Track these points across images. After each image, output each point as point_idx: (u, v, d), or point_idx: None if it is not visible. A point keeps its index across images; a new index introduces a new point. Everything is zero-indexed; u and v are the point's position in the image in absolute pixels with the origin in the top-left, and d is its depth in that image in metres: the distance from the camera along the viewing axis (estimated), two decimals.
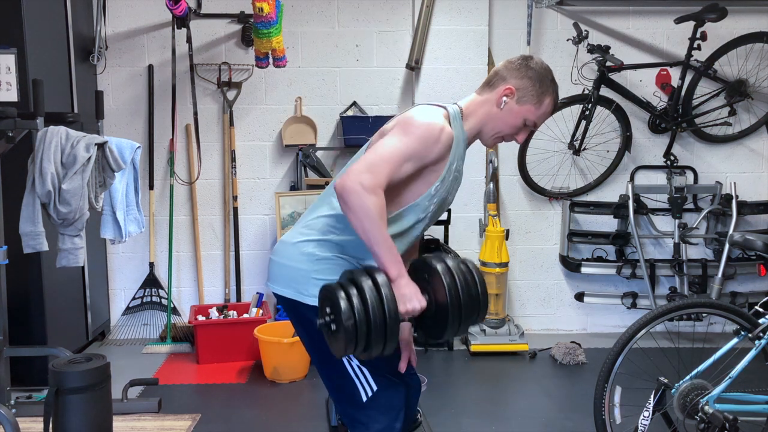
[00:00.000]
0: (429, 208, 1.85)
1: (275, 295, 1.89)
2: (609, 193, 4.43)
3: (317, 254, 1.80)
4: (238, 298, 4.37)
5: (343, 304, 1.58)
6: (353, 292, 1.60)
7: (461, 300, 1.66)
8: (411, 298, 1.66)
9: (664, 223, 4.39)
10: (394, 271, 1.66)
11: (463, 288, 1.66)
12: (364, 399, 1.82)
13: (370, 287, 1.59)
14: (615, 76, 4.21)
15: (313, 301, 1.78)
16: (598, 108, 4.22)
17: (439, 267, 1.68)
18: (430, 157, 1.77)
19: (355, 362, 1.81)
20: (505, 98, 1.85)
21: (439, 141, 1.76)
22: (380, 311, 1.58)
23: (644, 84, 4.38)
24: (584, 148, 4.28)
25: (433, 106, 1.85)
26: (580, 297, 4.46)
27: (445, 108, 1.85)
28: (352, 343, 1.59)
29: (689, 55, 4.13)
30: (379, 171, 1.67)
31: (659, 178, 4.45)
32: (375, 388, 1.82)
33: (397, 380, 1.86)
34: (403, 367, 1.87)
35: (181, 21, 3.90)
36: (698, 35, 4.07)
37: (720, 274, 4.04)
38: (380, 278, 1.62)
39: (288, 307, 1.88)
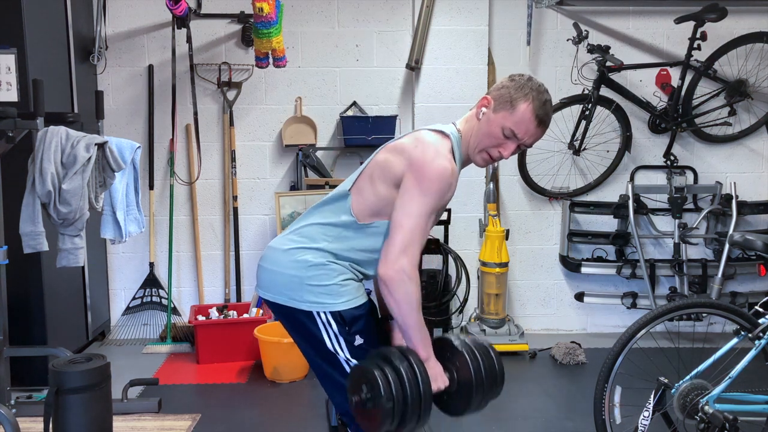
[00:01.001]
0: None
1: (266, 302, 1.91)
2: (609, 193, 4.43)
3: (310, 261, 1.81)
4: (238, 298, 4.37)
5: (382, 384, 1.65)
6: (389, 371, 1.67)
7: (484, 380, 1.78)
8: (436, 378, 1.77)
9: (664, 223, 4.39)
10: (424, 353, 1.77)
11: (486, 369, 1.79)
12: None
13: (407, 367, 1.68)
14: (615, 76, 4.21)
15: (307, 307, 1.81)
16: (598, 108, 4.22)
17: (463, 349, 1.80)
18: (444, 202, 1.83)
19: (354, 362, 1.82)
20: (483, 109, 1.87)
21: (452, 186, 1.81)
22: (416, 389, 1.67)
23: (644, 84, 4.38)
24: (584, 148, 4.28)
25: (438, 135, 1.85)
26: (580, 297, 4.46)
27: (448, 137, 1.86)
28: (388, 420, 1.67)
29: (689, 55, 4.13)
30: (414, 249, 1.75)
31: (659, 178, 4.45)
32: None
33: None
34: None
35: (181, 21, 3.90)
36: (698, 35, 4.07)
37: (720, 274, 4.04)
38: (414, 359, 1.72)
39: (281, 314, 1.90)
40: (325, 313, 1.80)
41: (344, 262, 1.83)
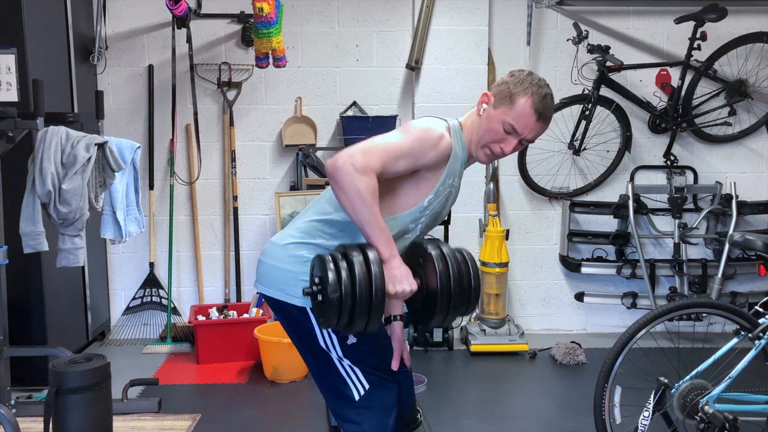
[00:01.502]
0: (420, 219, 1.86)
1: (263, 296, 1.91)
2: (609, 193, 4.43)
3: (305, 256, 1.80)
4: (238, 298, 4.37)
5: (331, 276, 1.58)
6: (343, 265, 1.60)
7: (452, 289, 1.66)
8: (401, 280, 1.66)
9: (664, 223, 4.39)
10: (386, 252, 1.66)
11: (455, 277, 1.66)
12: (356, 397, 1.83)
13: (360, 263, 1.59)
14: (615, 76, 4.21)
15: (301, 302, 1.80)
16: (598, 108, 4.22)
17: (434, 252, 1.68)
18: (425, 161, 1.78)
19: (346, 361, 1.82)
20: (484, 105, 1.87)
21: (437, 147, 1.77)
22: (367, 287, 1.57)
23: (644, 84, 4.38)
24: (584, 148, 4.28)
25: (435, 118, 1.87)
26: (580, 297, 4.46)
27: (446, 121, 1.88)
28: (335, 315, 1.60)
29: (689, 55, 4.13)
30: (372, 156, 1.68)
31: (659, 178, 4.45)
32: (367, 386, 1.83)
33: (389, 378, 1.86)
34: (395, 365, 1.87)
35: (181, 21, 3.90)
36: (698, 35, 4.07)
37: (720, 274, 4.04)
38: (371, 255, 1.61)
39: (276, 308, 1.90)
40: None
41: None
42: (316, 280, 1.64)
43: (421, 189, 1.82)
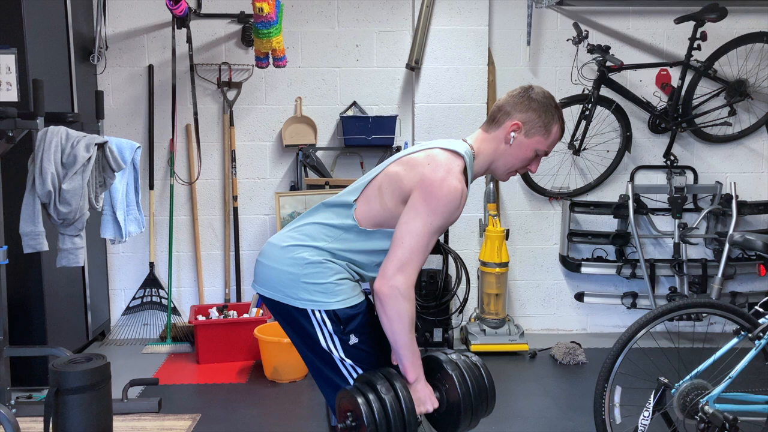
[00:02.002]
0: None
1: (263, 297, 1.90)
2: (609, 193, 4.44)
3: (308, 258, 1.81)
4: (238, 298, 4.37)
5: (364, 411, 1.66)
6: (372, 398, 1.67)
7: (472, 400, 1.77)
8: (425, 401, 1.77)
9: (664, 223, 4.39)
10: (413, 375, 1.77)
11: (475, 390, 1.78)
12: None
13: (392, 397, 1.68)
14: (615, 76, 4.21)
15: (302, 304, 1.81)
16: (598, 108, 4.22)
17: (452, 372, 1.80)
18: (450, 222, 1.82)
19: (348, 362, 1.83)
20: (513, 134, 1.87)
21: (460, 206, 1.80)
22: (400, 418, 1.67)
23: (644, 84, 4.38)
24: (584, 148, 4.28)
25: (450, 154, 1.83)
26: (580, 297, 4.46)
27: (461, 156, 1.84)
28: None
29: (689, 55, 4.13)
30: (411, 268, 1.74)
31: (659, 178, 4.45)
32: None
33: None
34: (395, 359, 1.89)
35: (181, 21, 3.90)
36: (698, 35, 4.07)
37: (720, 274, 4.04)
38: (398, 384, 1.71)
39: (276, 310, 1.90)
40: (320, 311, 1.80)
41: (341, 261, 1.83)
42: (349, 415, 1.71)
43: None
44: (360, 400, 1.67)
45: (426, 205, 1.75)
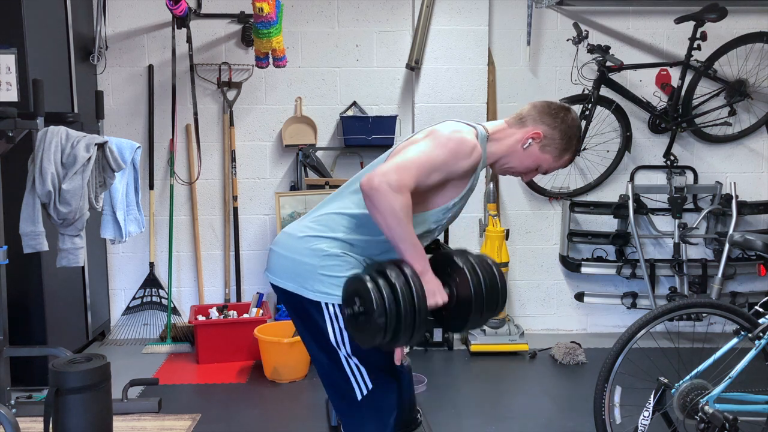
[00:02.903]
0: (442, 221, 1.89)
1: (274, 286, 1.88)
2: (609, 193, 4.44)
3: (326, 250, 1.78)
4: (238, 298, 4.37)
5: (375, 297, 1.60)
6: (383, 285, 1.62)
7: (484, 294, 1.72)
8: (434, 293, 1.71)
9: (664, 223, 4.39)
10: (420, 266, 1.70)
11: (486, 283, 1.72)
12: (359, 397, 1.83)
13: (402, 282, 1.63)
14: (615, 76, 4.21)
15: (317, 297, 1.79)
16: (598, 108, 4.22)
17: (462, 262, 1.74)
18: (457, 172, 1.79)
19: (354, 360, 1.82)
20: (530, 140, 1.88)
21: (470, 157, 1.78)
22: (411, 305, 1.61)
23: (644, 84, 4.38)
24: (584, 148, 4.28)
25: (463, 123, 1.87)
26: (580, 297, 4.46)
27: (474, 128, 1.86)
28: (380, 335, 1.62)
29: (689, 55, 4.13)
30: (407, 173, 1.69)
31: (659, 178, 4.45)
32: (370, 386, 1.83)
33: (392, 379, 1.86)
34: (398, 358, 1.87)
35: (181, 21, 3.90)
36: (698, 35, 4.07)
37: (720, 274, 4.04)
38: (409, 271, 1.65)
39: (288, 301, 1.87)
40: (333, 305, 1.78)
41: (359, 256, 1.81)
42: (357, 301, 1.65)
43: (448, 193, 1.84)
44: (370, 285, 1.62)
45: (436, 140, 1.78)
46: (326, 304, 1.79)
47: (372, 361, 1.82)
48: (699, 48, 4.11)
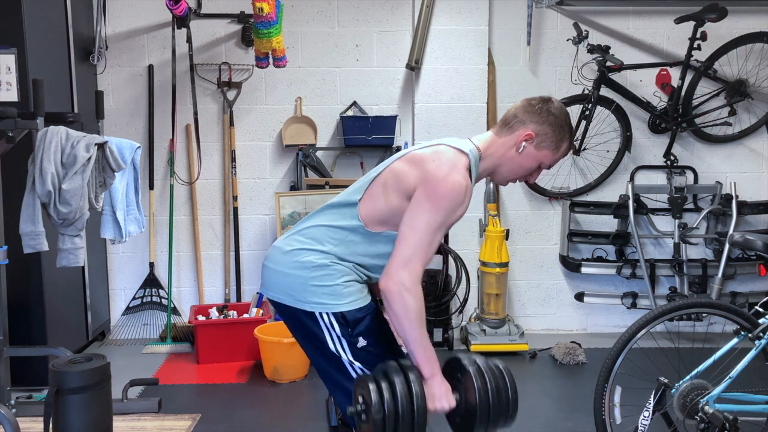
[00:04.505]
0: None
1: (271, 301, 1.91)
2: (609, 193, 4.43)
3: (315, 262, 1.81)
4: (238, 298, 4.37)
5: (374, 397, 1.65)
6: (384, 386, 1.67)
7: (490, 404, 1.73)
8: (441, 398, 1.73)
9: (664, 223, 4.39)
10: (428, 371, 1.73)
11: (494, 392, 1.73)
12: None
13: (401, 383, 1.67)
14: (615, 76, 4.21)
15: (311, 307, 1.81)
16: (598, 108, 4.22)
17: (472, 369, 1.75)
18: (454, 219, 1.80)
19: (357, 365, 1.82)
20: (524, 143, 1.87)
21: (464, 203, 1.79)
22: (409, 408, 1.65)
23: (644, 84, 4.38)
24: (584, 148, 4.28)
25: (455, 151, 1.83)
26: (580, 297, 4.46)
27: (467, 155, 1.84)
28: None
29: (689, 55, 4.13)
30: (416, 264, 1.73)
31: (659, 178, 4.45)
32: None
33: None
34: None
35: (181, 21, 3.90)
36: (698, 35, 4.07)
37: (720, 274, 4.04)
38: (412, 376, 1.69)
39: (284, 314, 1.90)
40: (327, 314, 1.80)
41: (348, 263, 1.83)
42: (360, 399, 1.70)
43: None
44: (372, 386, 1.67)
45: (429, 202, 1.75)
46: (320, 313, 1.81)
47: (376, 364, 1.83)
48: (699, 48, 4.11)
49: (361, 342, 1.81)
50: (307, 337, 1.87)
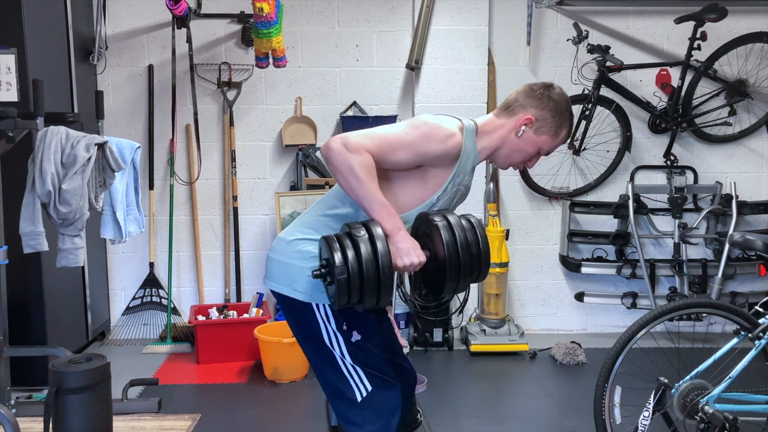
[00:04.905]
0: None
1: (272, 291, 1.90)
2: (609, 193, 4.43)
3: (312, 252, 1.81)
4: (238, 298, 4.37)
5: (336, 257, 1.59)
6: (348, 244, 1.61)
7: (460, 258, 1.66)
8: (409, 253, 1.66)
9: (664, 223, 4.39)
10: (389, 225, 1.66)
11: (463, 245, 1.66)
12: (359, 399, 1.83)
13: (364, 241, 1.60)
14: (615, 76, 4.21)
15: (305, 297, 1.81)
16: (598, 108, 4.22)
17: (439, 222, 1.68)
18: (429, 155, 1.77)
19: (349, 361, 1.82)
20: (524, 127, 1.88)
21: (443, 142, 1.76)
22: (373, 265, 1.59)
23: (644, 84, 4.38)
24: (584, 148, 4.28)
25: (448, 116, 1.87)
26: (580, 297, 4.45)
27: (460, 120, 1.86)
28: (345, 295, 1.62)
29: (689, 55, 4.13)
30: (367, 139, 1.71)
31: (659, 178, 4.45)
32: (369, 388, 1.82)
33: (392, 379, 1.86)
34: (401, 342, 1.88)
35: (181, 21, 3.90)
36: (698, 35, 4.07)
37: (720, 274, 4.04)
38: (376, 231, 1.62)
39: (283, 304, 1.90)
40: (324, 305, 1.81)
41: None
42: (323, 261, 1.65)
43: (429, 185, 1.82)
44: (334, 245, 1.62)
45: (409, 122, 1.80)
46: (317, 305, 1.81)
47: (369, 363, 1.83)
48: (699, 48, 4.11)
49: (355, 336, 1.81)
50: (303, 327, 1.87)
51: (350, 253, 1.59)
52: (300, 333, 1.90)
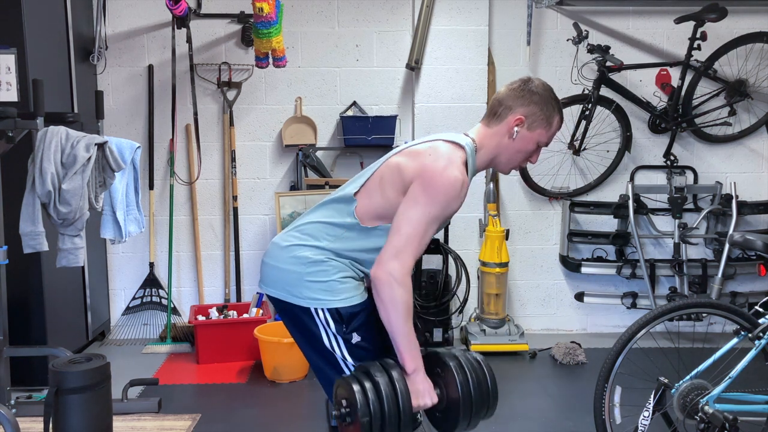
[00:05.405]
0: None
1: (268, 297, 1.92)
2: (609, 193, 4.43)
3: (310, 258, 1.82)
4: (238, 298, 4.37)
5: (359, 399, 1.64)
6: (369, 387, 1.65)
7: (472, 397, 1.73)
8: (423, 394, 1.74)
9: (664, 223, 4.39)
10: (411, 366, 1.74)
11: (475, 385, 1.74)
12: None
13: (386, 383, 1.66)
14: (615, 76, 4.21)
15: (306, 303, 1.82)
16: (598, 108, 4.22)
17: (452, 363, 1.75)
18: (449, 213, 1.81)
19: (350, 362, 1.83)
20: (516, 128, 1.88)
21: (459, 197, 1.79)
22: (395, 408, 1.64)
23: (644, 84, 4.38)
24: (584, 148, 4.28)
25: (452, 145, 1.84)
26: (580, 297, 4.46)
27: (463, 148, 1.85)
28: None
29: (689, 55, 4.13)
30: (407, 256, 1.73)
31: (659, 178, 4.45)
32: None
33: None
34: None
35: (181, 21, 3.90)
36: (698, 35, 4.07)
37: (720, 274, 4.04)
38: (396, 374, 1.69)
39: (281, 309, 1.91)
40: (323, 309, 1.81)
41: (344, 259, 1.83)
42: (344, 403, 1.69)
43: None
44: (356, 387, 1.65)
45: (425, 194, 1.76)
46: (316, 309, 1.81)
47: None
48: (699, 48, 4.11)
49: (356, 338, 1.82)
50: (302, 332, 1.88)
51: (372, 396, 1.64)
52: (299, 337, 1.91)
